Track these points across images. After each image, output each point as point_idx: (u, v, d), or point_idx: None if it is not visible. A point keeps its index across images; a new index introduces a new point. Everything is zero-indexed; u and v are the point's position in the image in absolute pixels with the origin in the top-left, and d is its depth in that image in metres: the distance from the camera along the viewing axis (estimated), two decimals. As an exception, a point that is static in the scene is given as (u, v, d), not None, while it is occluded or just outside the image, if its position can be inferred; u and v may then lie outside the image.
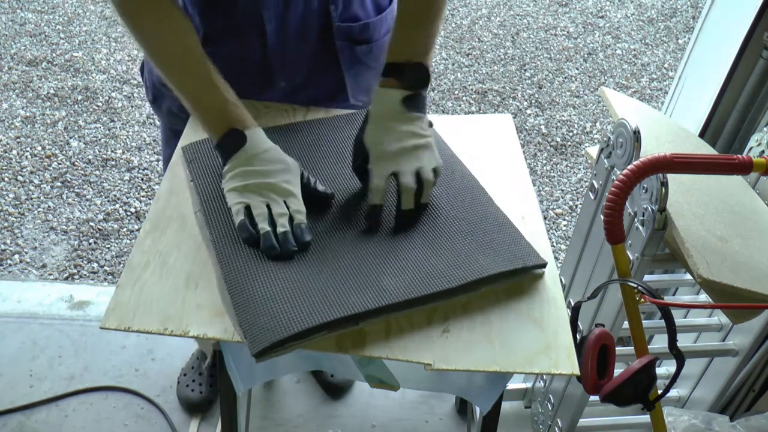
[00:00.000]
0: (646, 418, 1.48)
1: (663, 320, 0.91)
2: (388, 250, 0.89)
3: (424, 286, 0.83)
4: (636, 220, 1.06)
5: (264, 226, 0.86)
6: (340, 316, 0.78)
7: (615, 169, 1.15)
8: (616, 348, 1.00)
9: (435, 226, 0.93)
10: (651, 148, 1.19)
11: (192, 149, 1.04)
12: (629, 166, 0.93)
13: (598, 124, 2.97)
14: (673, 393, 1.60)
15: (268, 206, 0.88)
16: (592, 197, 1.22)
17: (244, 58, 1.10)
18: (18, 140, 2.58)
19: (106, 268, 2.09)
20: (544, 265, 0.89)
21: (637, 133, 1.07)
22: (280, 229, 0.86)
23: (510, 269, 0.86)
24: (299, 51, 1.10)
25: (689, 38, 1.87)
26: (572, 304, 1.27)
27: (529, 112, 3.02)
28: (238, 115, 0.93)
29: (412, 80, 0.94)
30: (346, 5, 1.09)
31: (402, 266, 0.86)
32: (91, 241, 2.17)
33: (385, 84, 0.95)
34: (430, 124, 0.96)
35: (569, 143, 2.83)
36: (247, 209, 0.88)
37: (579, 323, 1.21)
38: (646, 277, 1.25)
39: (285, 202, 0.89)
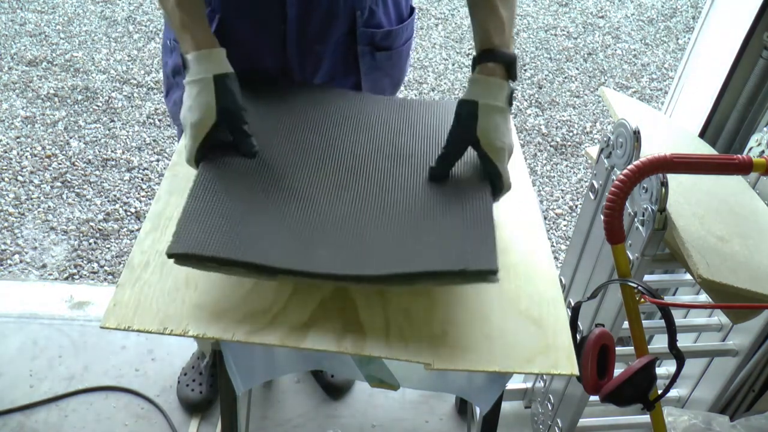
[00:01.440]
0: (646, 418, 1.48)
1: (663, 320, 0.91)
2: (347, 216, 0.88)
3: (352, 265, 0.80)
4: (636, 220, 1.06)
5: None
6: (258, 262, 0.79)
7: (615, 169, 1.15)
8: (616, 348, 1.00)
9: (408, 204, 0.90)
10: (651, 148, 1.19)
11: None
12: (629, 166, 0.93)
13: (598, 124, 2.97)
14: (673, 393, 1.60)
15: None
16: (592, 197, 1.22)
17: (261, 49, 1.09)
18: (18, 140, 2.58)
19: (106, 268, 2.09)
20: (493, 272, 0.77)
21: (637, 133, 1.07)
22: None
23: (448, 269, 0.78)
24: (319, 51, 1.10)
25: (689, 38, 1.87)
26: (572, 304, 1.27)
27: (529, 112, 3.02)
28: (191, 38, 0.91)
29: (515, 71, 0.93)
30: (372, 12, 1.10)
31: (346, 240, 0.84)
32: (91, 241, 2.17)
33: (492, 72, 0.91)
34: None
35: (569, 143, 2.83)
36: None
37: (579, 323, 1.21)
38: (646, 277, 1.25)
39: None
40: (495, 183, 0.92)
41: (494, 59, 0.92)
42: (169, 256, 0.78)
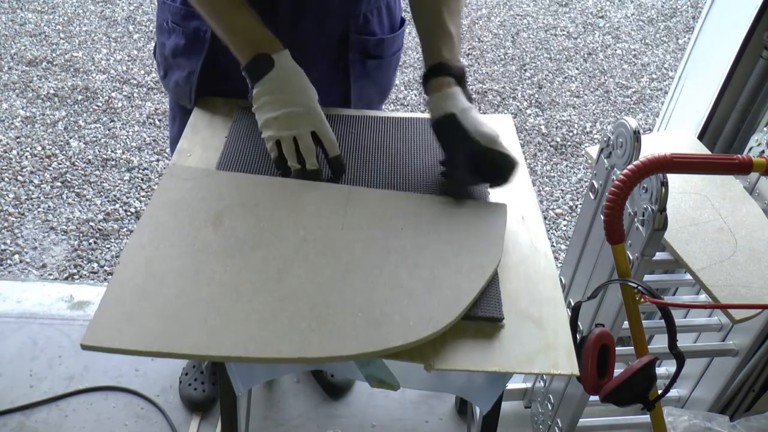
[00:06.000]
0: (646, 418, 1.48)
1: (663, 320, 0.91)
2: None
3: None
4: (636, 220, 1.06)
5: (294, 164, 0.94)
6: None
7: (615, 169, 1.14)
8: (616, 348, 1.00)
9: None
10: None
11: (243, 113, 1.11)
12: (629, 166, 0.93)
13: (598, 124, 2.97)
14: (673, 393, 1.60)
15: (295, 140, 0.94)
16: (592, 197, 1.22)
17: None
18: (18, 140, 2.58)
19: (106, 268, 2.09)
20: (498, 320, 0.83)
21: (637, 133, 1.07)
22: (309, 167, 0.94)
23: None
24: (310, 54, 1.10)
25: (689, 38, 1.87)
26: (572, 304, 1.27)
27: (529, 112, 3.02)
28: (266, 37, 0.96)
29: (466, 83, 1.01)
30: (367, 19, 1.12)
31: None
32: (91, 241, 2.17)
33: (446, 84, 1.00)
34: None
35: (569, 143, 2.83)
36: (278, 144, 0.94)
37: (579, 323, 1.21)
38: (646, 277, 1.25)
39: (315, 133, 0.95)
40: (504, 168, 0.95)
41: (447, 72, 0.99)
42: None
